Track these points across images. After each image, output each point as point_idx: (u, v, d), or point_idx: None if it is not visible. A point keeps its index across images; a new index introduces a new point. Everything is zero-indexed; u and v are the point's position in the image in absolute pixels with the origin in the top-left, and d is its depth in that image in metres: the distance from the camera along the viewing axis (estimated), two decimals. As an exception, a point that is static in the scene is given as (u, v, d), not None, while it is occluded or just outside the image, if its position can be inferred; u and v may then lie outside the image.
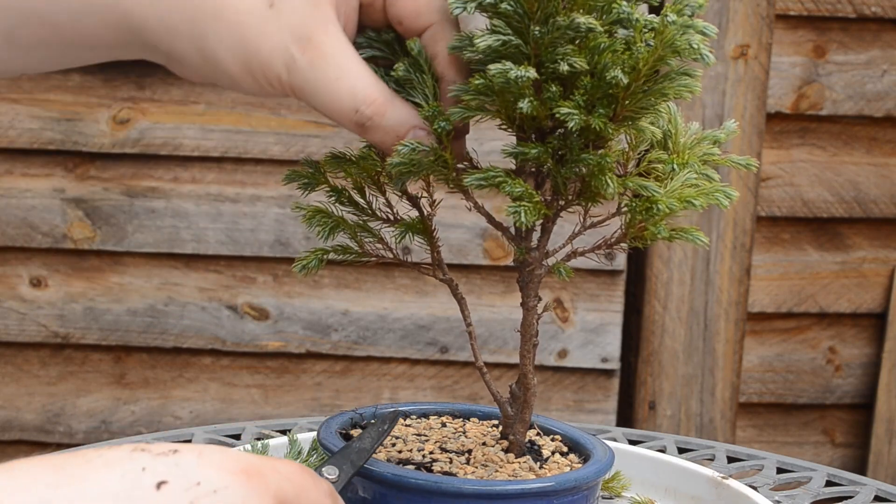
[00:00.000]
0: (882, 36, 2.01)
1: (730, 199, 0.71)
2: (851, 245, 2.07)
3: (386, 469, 0.71)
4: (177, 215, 1.96)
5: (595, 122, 0.67)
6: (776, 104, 2.00)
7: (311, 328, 1.99)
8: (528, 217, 0.68)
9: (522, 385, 0.76)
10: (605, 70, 0.66)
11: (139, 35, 0.67)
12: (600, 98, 0.67)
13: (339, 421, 0.79)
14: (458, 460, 0.76)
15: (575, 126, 0.66)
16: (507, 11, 0.65)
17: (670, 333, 2.01)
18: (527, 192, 0.68)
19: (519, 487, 0.71)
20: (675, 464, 0.93)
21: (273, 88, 0.67)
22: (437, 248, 0.76)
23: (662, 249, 2.00)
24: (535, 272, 0.74)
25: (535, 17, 0.65)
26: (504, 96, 0.67)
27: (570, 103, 0.66)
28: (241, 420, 1.89)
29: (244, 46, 0.65)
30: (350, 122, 0.67)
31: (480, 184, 0.68)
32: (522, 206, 0.68)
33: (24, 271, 1.97)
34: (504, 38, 0.66)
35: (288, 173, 0.75)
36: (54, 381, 2.01)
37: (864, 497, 0.96)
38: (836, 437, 2.12)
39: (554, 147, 0.69)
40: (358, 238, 0.76)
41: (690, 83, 0.68)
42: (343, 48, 0.66)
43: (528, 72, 0.64)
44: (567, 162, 0.69)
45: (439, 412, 0.84)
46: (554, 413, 2.01)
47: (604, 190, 0.69)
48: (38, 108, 1.93)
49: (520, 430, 0.77)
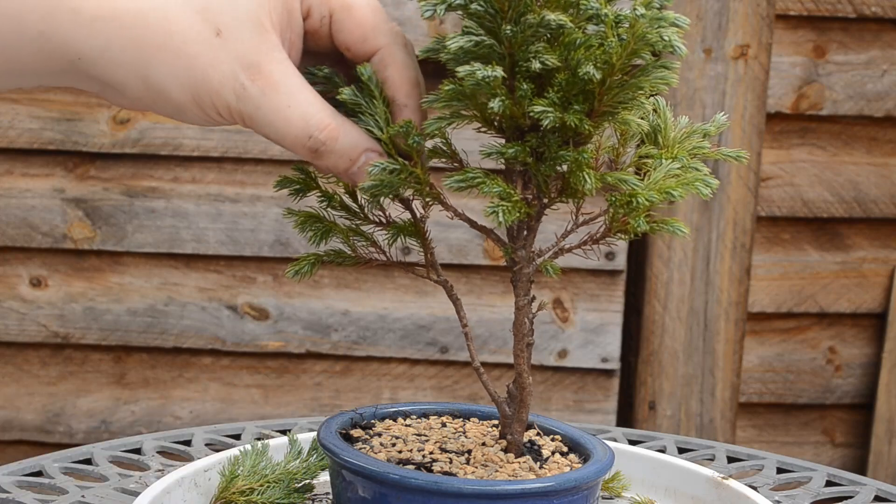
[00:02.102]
0: (882, 36, 2.01)
1: (709, 187, 0.72)
2: (851, 245, 2.07)
3: (387, 469, 0.71)
4: (177, 215, 1.96)
5: (570, 119, 0.67)
6: (776, 104, 2.00)
7: (311, 328, 1.99)
8: (506, 217, 0.68)
9: (518, 385, 0.76)
10: (577, 66, 0.65)
11: (76, 64, 0.66)
12: (576, 95, 0.67)
13: (338, 421, 0.79)
14: (458, 460, 0.76)
15: (550, 124, 0.67)
16: (477, 11, 0.65)
17: (670, 333, 2.01)
18: (505, 191, 0.68)
19: (519, 487, 0.71)
20: (675, 464, 0.93)
21: (220, 118, 0.67)
22: (430, 250, 0.76)
23: (662, 249, 2.00)
24: (522, 271, 0.74)
25: (507, 16, 0.65)
26: (476, 98, 0.67)
27: (545, 101, 0.66)
28: (241, 420, 1.89)
29: (192, 75, 0.65)
30: (303, 149, 0.68)
31: (460, 185, 0.69)
32: (501, 205, 0.68)
33: (24, 271, 1.97)
34: (476, 39, 0.66)
35: (279, 179, 0.76)
36: (54, 381, 2.01)
37: (864, 497, 0.96)
38: (836, 437, 2.12)
39: (532, 145, 0.69)
40: (351, 242, 0.76)
41: (667, 76, 0.68)
42: (292, 75, 0.67)
43: (496, 71, 0.65)
44: (546, 160, 0.69)
45: (439, 412, 0.84)
46: (554, 413, 2.01)
47: (581, 186, 0.69)
48: (38, 108, 1.93)
49: (517, 429, 0.77)
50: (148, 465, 0.96)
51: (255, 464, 0.81)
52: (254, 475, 0.80)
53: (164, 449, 1.01)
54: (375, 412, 0.82)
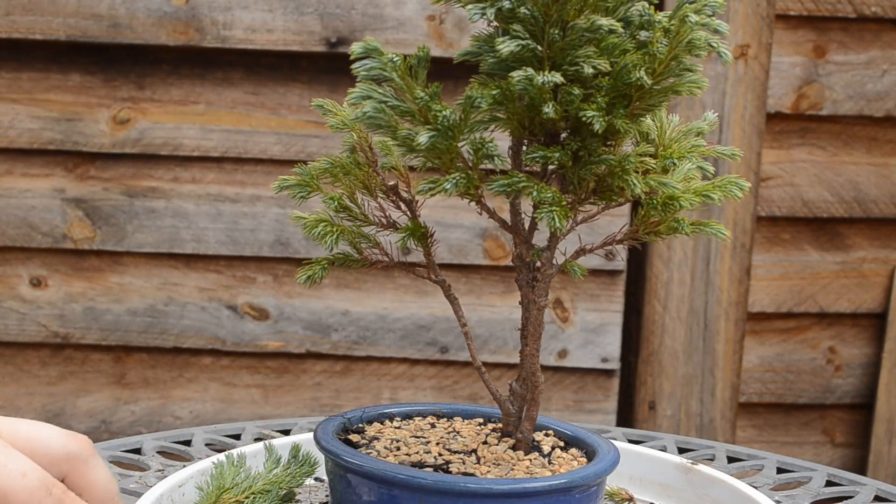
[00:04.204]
0: (882, 36, 2.01)
1: (743, 190, 0.72)
2: (851, 245, 2.07)
3: (409, 473, 0.71)
4: (177, 215, 1.96)
5: (619, 123, 0.67)
6: (776, 104, 2.00)
7: (311, 328, 1.99)
8: (560, 221, 0.68)
9: (531, 383, 0.76)
10: (627, 71, 0.66)
11: None
12: (618, 98, 0.67)
13: (332, 425, 0.79)
14: (469, 460, 0.76)
15: (600, 128, 0.67)
16: (524, 16, 0.65)
17: (670, 333, 2.01)
18: (555, 196, 0.68)
19: (546, 484, 0.71)
20: (643, 453, 0.93)
21: None
22: (429, 250, 0.76)
23: (662, 249, 2.00)
24: (546, 272, 0.74)
25: (552, 20, 0.65)
26: (514, 103, 0.67)
27: (594, 105, 0.67)
28: (241, 420, 1.89)
29: None
30: None
31: (504, 190, 0.69)
32: (553, 210, 0.68)
33: (24, 271, 1.97)
34: (523, 43, 0.66)
35: (279, 181, 0.76)
36: (54, 381, 2.01)
37: (864, 497, 0.96)
38: (836, 437, 2.12)
39: (572, 148, 0.69)
40: (357, 244, 0.76)
41: (699, 79, 0.69)
42: None
43: (554, 76, 0.65)
44: (584, 163, 0.70)
45: (423, 413, 0.84)
46: (554, 413, 2.01)
47: (630, 190, 0.69)
48: (38, 108, 1.93)
49: (527, 427, 0.78)
50: (148, 465, 0.96)
51: (236, 475, 0.78)
52: (239, 487, 0.78)
53: (164, 449, 1.01)
54: (362, 416, 0.82)
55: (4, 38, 1.89)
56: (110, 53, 1.92)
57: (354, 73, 0.67)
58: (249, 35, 1.91)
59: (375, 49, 0.66)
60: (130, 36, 1.88)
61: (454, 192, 0.69)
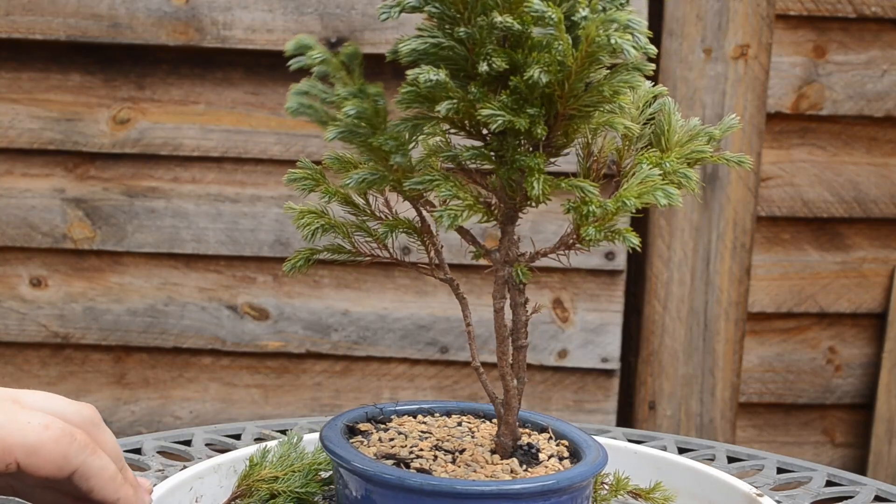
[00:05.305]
0: (882, 36, 2.01)
1: (668, 197, 0.69)
2: (851, 245, 2.07)
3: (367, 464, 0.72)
4: (177, 215, 1.96)
5: (519, 123, 0.66)
6: (776, 104, 2.00)
7: (311, 328, 1.99)
8: (452, 221, 0.67)
9: (503, 387, 0.76)
10: (525, 69, 0.64)
11: None
12: (535, 98, 0.66)
13: (352, 415, 0.80)
14: (444, 458, 0.75)
15: (498, 127, 0.66)
16: (433, 13, 0.65)
17: (670, 333, 2.01)
18: (456, 194, 0.68)
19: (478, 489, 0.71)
20: (711, 475, 0.91)
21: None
22: (437, 248, 0.76)
23: (662, 249, 2.00)
24: (497, 273, 0.74)
25: (463, 17, 0.65)
26: (433, 101, 0.66)
27: (496, 104, 0.66)
28: (241, 420, 1.89)
29: None
30: None
31: (417, 187, 0.69)
32: (448, 209, 0.68)
33: (24, 271, 1.97)
34: (433, 41, 0.65)
35: (289, 174, 0.76)
36: (54, 381, 2.01)
37: (864, 497, 0.96)
38: (836, 437, 2.12)
39: (493, 148, 0.69)
40: (351, 238, 0.76)
41: (630, 78, 0.67)
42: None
43: (439, 74, 0.64)
44: (507, 164, 0.69)
45: (464, 411, 0.85)
46: (554, 413, 2.01)
47: (530, 191, 0.68)
48: (38, 108, 1.93)
49: (504, 431, 0.77)
50: (148, 465, 0.96)
51: (286, 453, 0.84)
52: (281, 464, 0.83)
53: (164, 449, 1.01)
54: (396, 408, 0.83)
55: (4, 38, 1.90)
56: (110, 53, 1.92)
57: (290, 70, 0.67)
58: (249, 35, 1.91)
59: (305, 45, 0.65)
60: (130, 36, 1.88)
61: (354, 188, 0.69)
